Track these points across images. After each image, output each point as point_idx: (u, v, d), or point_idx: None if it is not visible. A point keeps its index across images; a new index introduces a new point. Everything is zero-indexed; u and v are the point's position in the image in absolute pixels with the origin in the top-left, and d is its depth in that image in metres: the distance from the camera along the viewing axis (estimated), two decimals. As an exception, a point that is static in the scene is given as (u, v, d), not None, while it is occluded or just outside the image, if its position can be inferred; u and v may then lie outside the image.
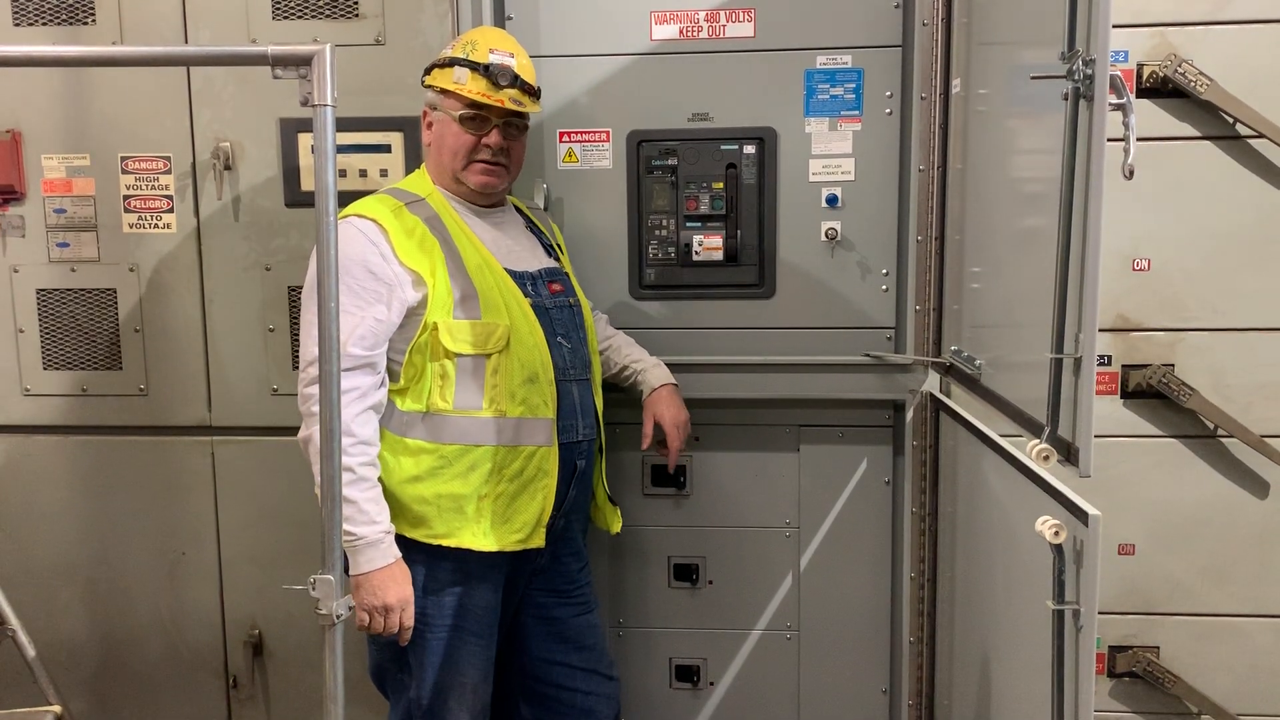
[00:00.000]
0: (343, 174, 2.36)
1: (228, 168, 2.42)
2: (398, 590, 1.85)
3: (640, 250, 2.38)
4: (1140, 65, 2.25)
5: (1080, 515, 1.42)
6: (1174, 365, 2.32)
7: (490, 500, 1.92)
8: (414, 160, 2.37)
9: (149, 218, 2.46)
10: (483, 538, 1.91)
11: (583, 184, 2.38)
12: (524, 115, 2.01)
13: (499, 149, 1.98)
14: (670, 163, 2.34)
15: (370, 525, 1.81)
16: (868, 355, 2.36)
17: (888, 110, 2.31)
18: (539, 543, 1.97)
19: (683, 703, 2.56)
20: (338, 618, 1.65)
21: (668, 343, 2.33)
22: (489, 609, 1.99)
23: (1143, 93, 2.25)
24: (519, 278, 1.98)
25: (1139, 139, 1.42)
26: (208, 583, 2.56)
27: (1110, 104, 1.37)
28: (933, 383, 2.34)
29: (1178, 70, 2.21)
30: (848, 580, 2.49)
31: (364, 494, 1.81)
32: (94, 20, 2.40)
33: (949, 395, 2.31)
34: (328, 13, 2.36)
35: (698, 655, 2.54)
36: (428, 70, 2.01)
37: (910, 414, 2.36)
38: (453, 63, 1.95)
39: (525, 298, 1.96)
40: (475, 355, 1.89)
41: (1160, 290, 2.31)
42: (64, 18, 2.40)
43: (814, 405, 2.43)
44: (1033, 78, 1.55)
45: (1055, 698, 1.52)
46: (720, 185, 2.33)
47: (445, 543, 1.90)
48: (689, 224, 2.35)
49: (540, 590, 2.10)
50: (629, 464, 2.47)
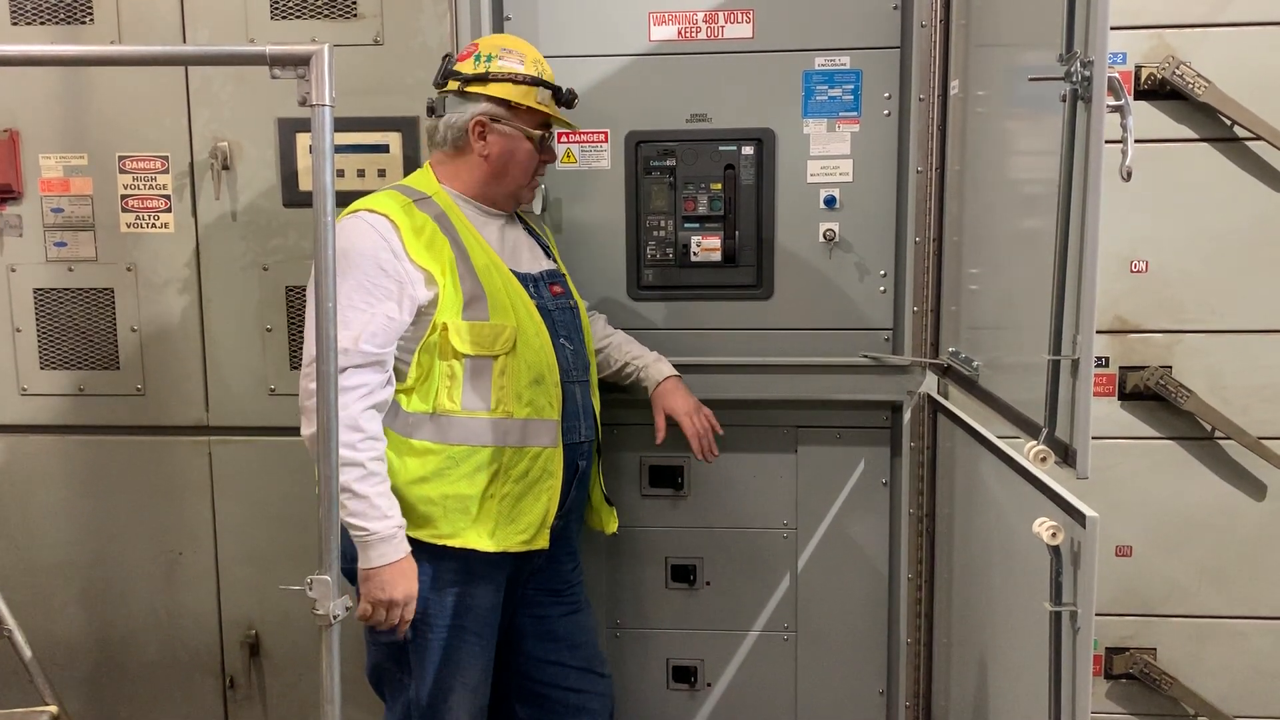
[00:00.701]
0: (341, 174, 2.36)
1: (226, 167, 2.41)
2: (405, 586, 1.84)
3: (638, 251, 2.38)
4: (1138, 67, 2.25)
5: (1078, 517, 1.42)
6: (1171, 367, 2.32)
7: (496, 501, 1.91)
8: (412, 161, 2.36)
9: (147, 217, 2.45)
10: (488, 538, 1.91)
11: (581, 185, 2.38)
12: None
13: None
14: (669, 163, 2.35)
15: (383, 520, 1.81)
16: (865, 356, 2.36)
17: (886, 111, 2.31)
18: (543, 544, 1.97)
19: (680, 704, 2.56)
20: (335, 618, 1.65)
21: (666, 344, 2.33)
22: (491, 609, 1.99)
23: (1141, 95, 2.25)
24: (523, 279, 1.99)
25: (1137, 141, 1.42)
26: (205, 583, 2.56)
27: (1108, 106, 1.37)
28: (930, 384, 2.34)
29: (1176, 72, 2.21)
30: (845, 581, 2.49)
31: (376, 489, 1.81)
32: (92, 19, 2.39)
33: (947, 396, 2.31)
34: (326, 13, 2.36)
35: (695, 656, 2.54)
36: (483, 79, 1.93)
37: (908, 415, 2.36)
38: (536, 82, 1.95)
39: (530, 299, 1.97)
40: (483, 356, 1.89)
41: (1158, 292, 2.31)
42: (62, 17, 2.40)
43: (812, 406, 2.43)
44: (1031, 79, 1.55)
45: (1052, 699, 1.52)
46: (719, 186, 2.34)
47: (450, 543, 1.89)
48: (687, 225, 2.36)
49: (534, 590, 2.11)
50: (627, 464, 2.47)
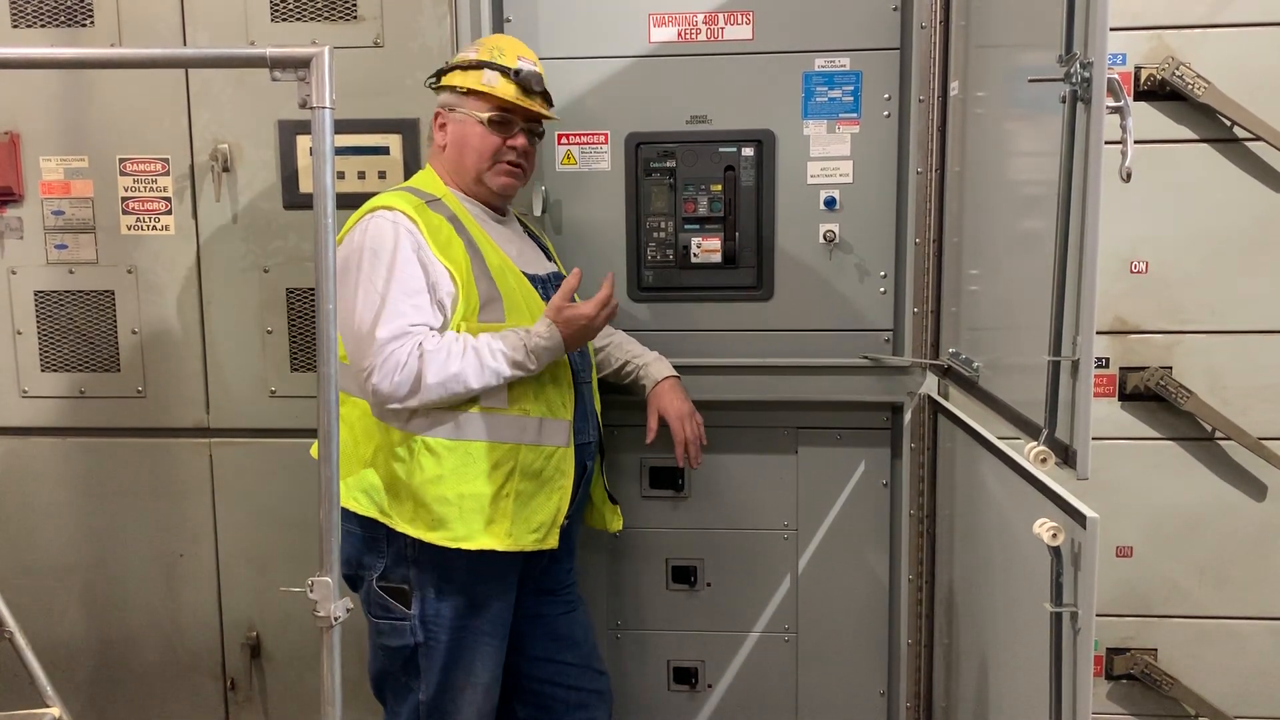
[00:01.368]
0: (341, 176, 2.36)
1: (226, 170, 2.42)
2: (581, 309, 1.90)
3: (639, 252, 2.38)
4: (1138, 68, 2.25)
5: (1078, 517, 1.42)
6: (1172, 368, 2.32)
7: (511, 500, 1.91)
8: (413, 162, 2.37)
9: (147, 219, 2.46)
10: (504, 537, 1.90)
11: (581, 186, 2.38)
12: (541, 121, 2.05)
13: (522, 152, 2.00)
14: (669, 165, 2.35)
15: (525, 343, 1.85)
16: (866, 357, 2.36)
17: (886, 113, 2.31)
18: (554, 543, 1.97)
19: (681, 705, 2.56)
20: (335, 620, 1.65)
21: (666, 345, 2.33)
22: (503, 609, 1.99)
23: (1140, 95, 2.25)
24: (533, 281, 2.00)
25: (1137, 141, 1.42)
26: (205, 585, 2.56)
27: (1108, 107, 1.37)
28: (931, 385, 2.34)
29: (1175, 73, 2.21)
30: (846, 582, 2.49)
31: (494, 355, 1.83)
32: (92, 22, 2.40)
33: (947, 397, 2.31)
34: (326, 15, 2.36)
35: (696, 657, 2.54)
36: (443, 71, 2.01)
37: (908, 416, 2.36)
38: (481, 65, 1.96)
39: (542, 301, 1.98)
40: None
41: (1158, 293, 2.31)
42: (62, 19, 2.40)
43: (812, 407, 2.43)
44: (1030, 80, 1.55)
45: (1053, 700, 1.52)
46: (719, 187, 2.34)
47: (464, 545, 1.88)
48: (687, 226, 2.36)
49: (531, 591, 2.11)
50: (628, 465, 2.47)
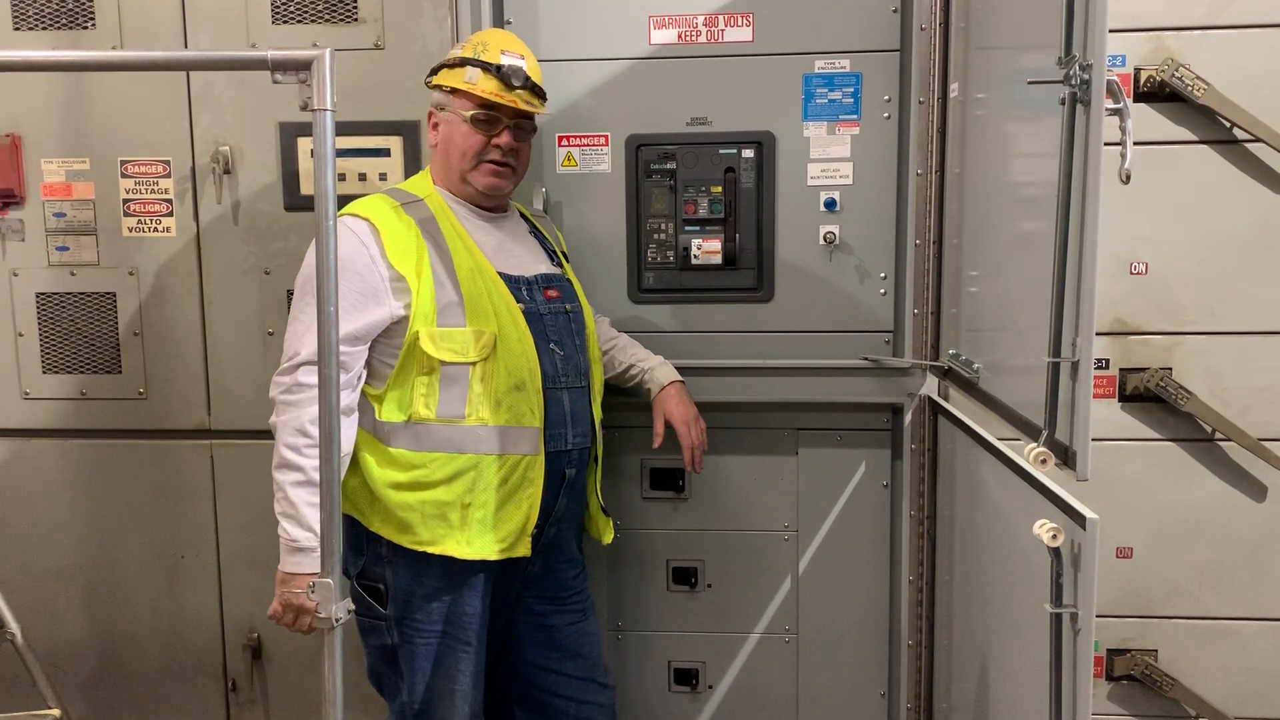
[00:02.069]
0: (342, 178, 2.36)
1: (227, 171, 2.42)
2: (298, 598, 1.86)
3: (639, 254, 2.38)
4: (1138, 70, 2.25)
5: (1078, 518, 1.43)
6: (1172, 369, 2.32)
7: (475, 509, 1.90)
8: (413, 164, 2.37)
9: (148, 221, 2.46)
10: (466, 545, 1.90)
11: (581, 188, 2.38)
12: (532, 117, 2.02)
13: (509, 150, 1.98)
14: (669, 166, 2.35)
15: (307, 532, 1.82)
16: (866, 359, 2.36)
17: (886, 114, 2.32)
18: (524, 551, 1.96)
19: (682, 706, 2.56)
20: (336, 621, 1.65)
21: (667, 346, 2.33)
22: (475, 615, 1.97)
23: (1140, 97, 2.25)
24: (513, 282, 1.97)
25: (1136, 143, 1.43)
26: (207, 586, 2.56)
27: (1107, 108, 1.38)
28: (931, 386, 2.34)
29: (1175, 75, 2.22)
30: (846, 583, 2.49)
31: (308, 498, 1.80)
32: (94, 24, 2.40)
33: (947, 399, 2.31)
34: (327, 17, 2.37)
35: (697, 658, 2.54)
36: (435, 70, 2.01)
37: (909, 417, 2.36)
38: (464, 63, 1.96)
39: (517, 303, 1.95)
40: (460, 363, 1.88)
41: (1158, 294, 2.31)
42: (64, 22, 2.41)
43: (813, 408, 2.43)
44: (1030, 82, 1.55)
45: (1053, 701, 1.52)
46: (719, 189, 2.34)
47: (430, 550, 1.89)
48: (688, 228, 2.36)
49: (534, 597, 2.10)
50: (628, 467, 2.47)
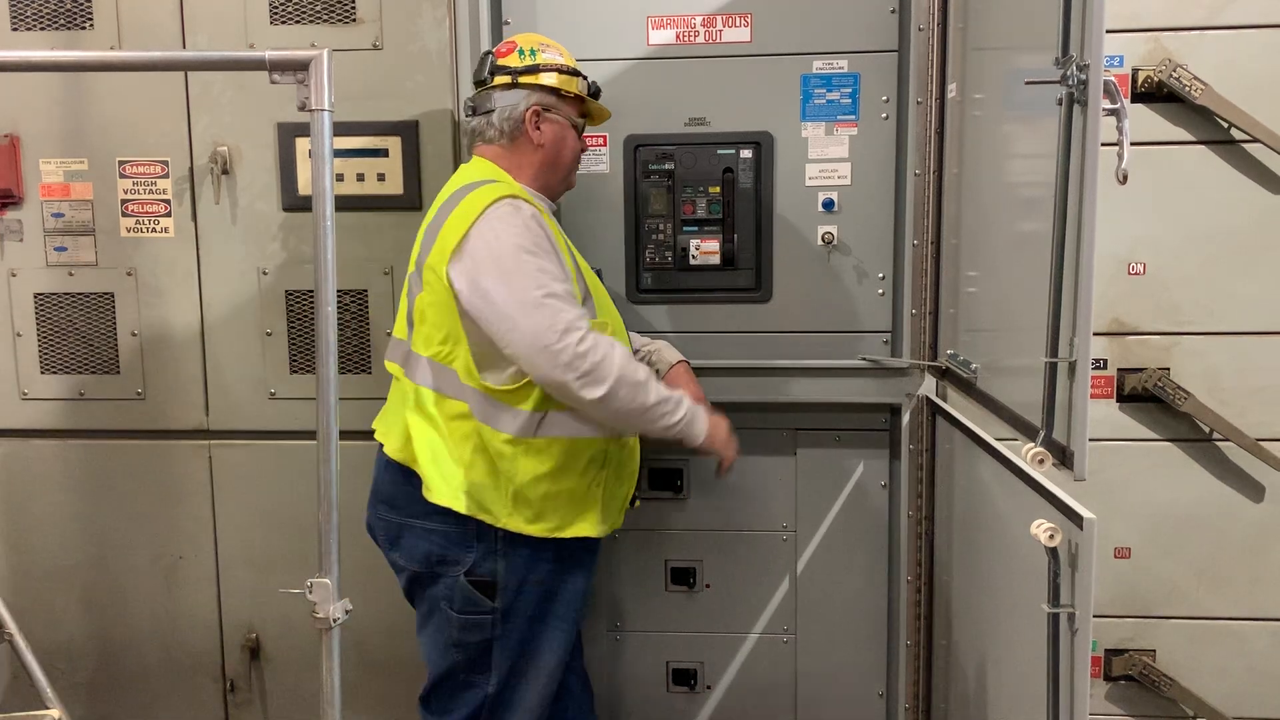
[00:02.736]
0: (340, 178, 2.36)
1: (225, 172, 2.42)
2: (725, 423, 2.02)
3: (637, 254, 2.38)
4: (1135, 70, 2.25)
5: (1075, 518, 1.43)
6: (1169, 369, 2.32)
7: (599, 488, 1.97)
8: (412, 164, 2.37)
9: (147, 222, 2.46)
10: (596, 525, 1.96)
11: (580, 188, 2.36)
12: None
13: None
14: (667, 167, 2.35)
15: (683, 403, 1.91)
16: (864, 359, 2.36)
17: (884, 115, 2.32)
18: (620, 523, 2.08)
19: (680, 706, 2.56)
20: (334, 621, 1.66)
21: (665, 346, 2.33)
22: (580, 594, 2.04)
23: (1138, 97, 2.25)
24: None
25: (1134, 144, 1.43)
26: (205, 586, 2.56)
27: (1104, 109, 1.38)
28: (929, 386, 2.34)
29: (1172, 75, 2.22)
30: (845, 583, 2.49)
31: (658, 387, 1.88)
32: (92, 25, 2.40)
33: (945, 399, 2.31)
34: (325, 17, 2.37)
35: (695, 659, 2.54)
36: (533, 69, 1.98)
37: (907, 418, 2.36)
38: (575, 72, 2.02)
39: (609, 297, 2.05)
40: None
41: (1156, 294, 2.31)
42: (62, 22, 2.40)
43: (811, 409, 2.43)
44: (1027, 83, 1.55)
45: (1051, 701, 1.52)
46: (717, 189, 2.34)
47: (563, 534, 1.93)
48: (686, 228, 2.36)
49: None
50: (626, 468, 2.47)
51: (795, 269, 2.37)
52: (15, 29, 2.41)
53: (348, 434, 2.13)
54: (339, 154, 2.30)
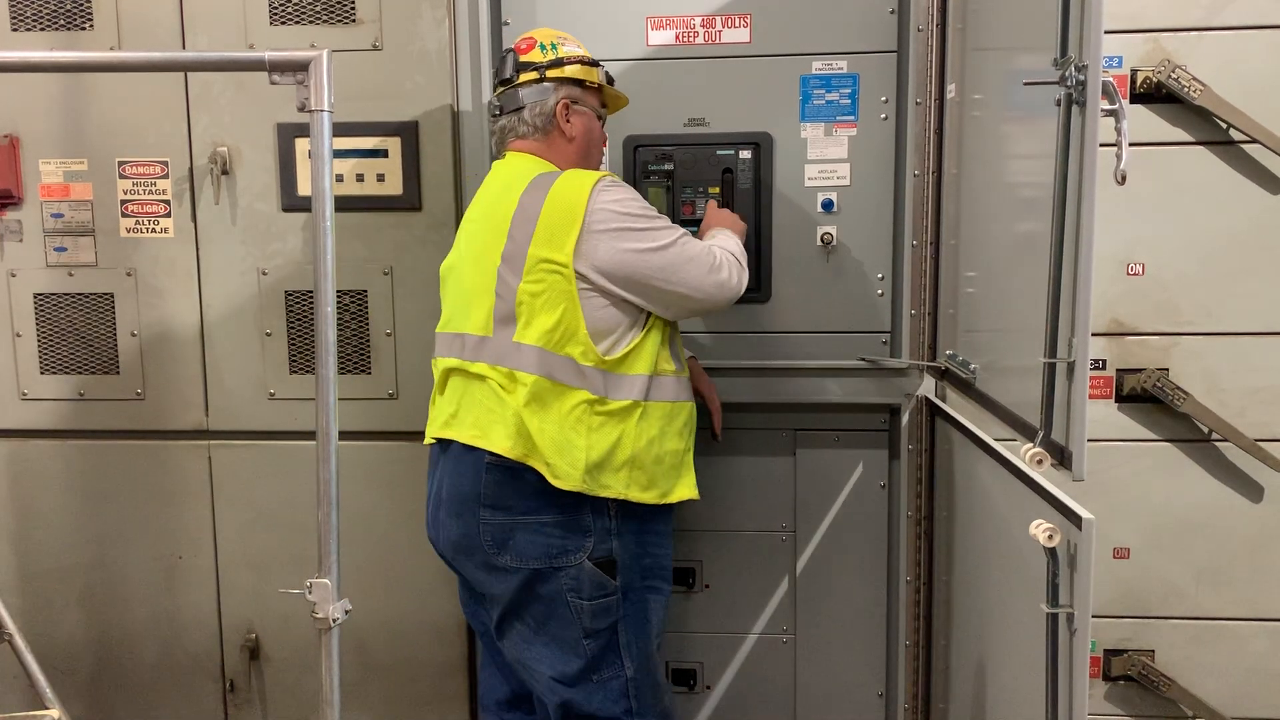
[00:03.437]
0: (340, 179, 2.36)
1: (225, 172, 2.42)
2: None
3: (637, 255, 2.38)
4: (1134, 71, 2.25)
5: (1074, 519, 1.43)
6: (1168, 369, 2.32)
7: (689, 452, 2.03)
8: (412, 164, 2.37)
9: (146, 222, 2.46)
10: (692, 487, 2.03)
11: (579, 189, 2.38)
12: None
13: None
14: (666, 167, 2.35)
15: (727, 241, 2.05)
16: (863, 360, 2.37)
17: (883, 115, 2.32)
18: None
19: (680, 706, 2.56)
20: (334, 621, 1.66)
21: (664, 347, 2.34)
22: (669, 556, 2.08)
23: (1137, 98, 2.26)
24: None
25: (1132, 144, 1.43)
26: (205, 587, 2.56)
27: (1103, 109, 1.38)
28: (928, 387, 2.34)
29: (1171, 76, 2.22)
30: (844, 584, 2.50)
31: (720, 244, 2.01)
32: (92, 25, 2.40)
33: (944, 399, 2.32)
34: (325, 18, 2.37)
35: (694, 659, 2.54)
36: (559, 63, 2.02)
37: (906, 418, 2.36)
38: (596, 63, 2.07)
39: None
40: (672, 320, 2.02)
41: (1154, 295, 2.31)
42: (62, 22, 2.41)
43: (810, 409, 2.44)
44: (1026, 83, 1.55)
45: (1050, 701, 1.52)
46: (716, 190, 2.34)
47: (668, 499, 1.98)
48: (686, 228, 2.36)
49: None
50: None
51: (794, 269, 2.37)
52: (15, 29, 2.41)
53: (347, 434, 2.14)
54: (339, 154, 2.30)
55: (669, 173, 2.35)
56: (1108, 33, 1.37)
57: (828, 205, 2.33)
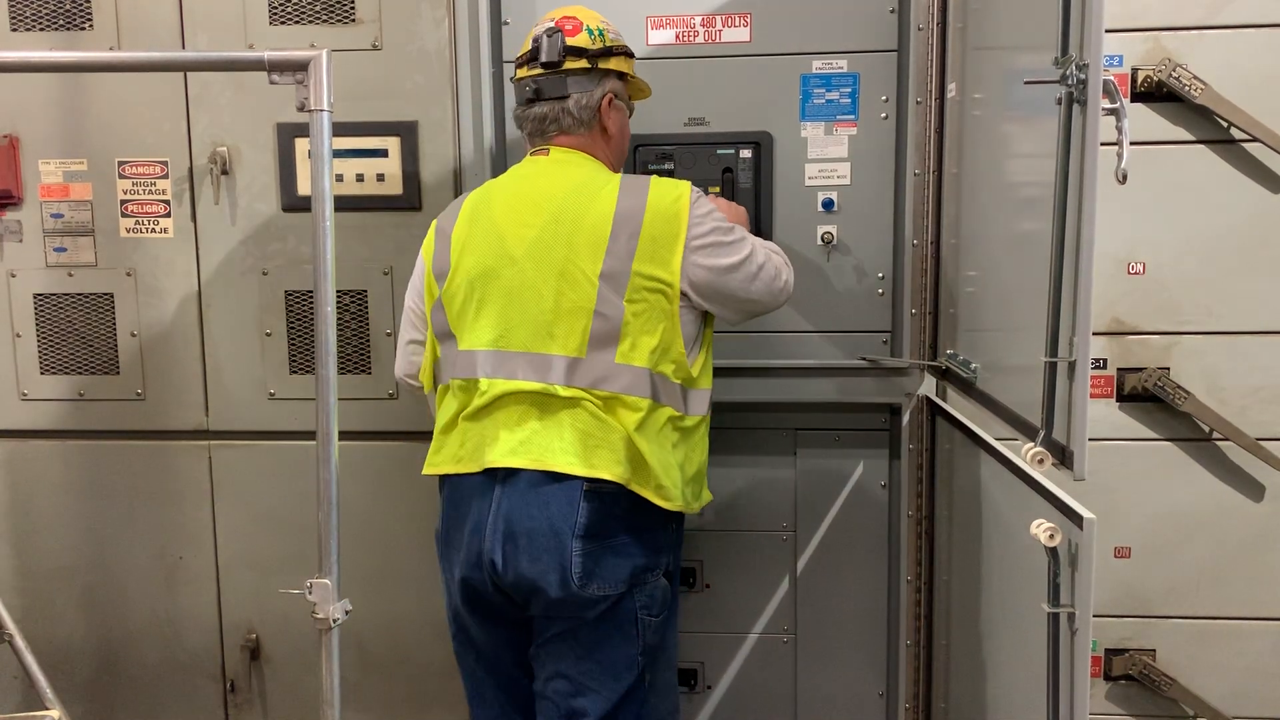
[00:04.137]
0: (339, 179, 2.36)
1: (225, 172, 2.42)
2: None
3: (637, 254, 2.38)
4: (1135, 70, 2.25)
5: (1075, 518, 1.43)
6: (1169, 368, 2.32)
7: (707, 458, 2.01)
8: (412, 165, 2.37)
9: (146, 222, 2.46)
10: (709, 492, 2.02)
11: (579, 188, 2.38)
12: None
13: None
14: (667, 167, 2.35)
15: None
16: (864, 359, 2.36)
17: (883, 115, 2.32)
18: None
19: (680, 706, 2.55)
20: (334, 621, 1.66)
21: (664, 347, 2.33)
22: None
23: (1137, 97, 2.25)
24: None
25: (1133, 143, 1.43)
26: (205, 587, 2.56)
27: (1103, 108, 1.38)
28: (929, 386, 2.34)
29: (1172, 75, 2.22)
30: (845, 584, 2.49)
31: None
32: (91, 25, 2.40)
33: (945, 399, 2.31)
34: (324, 18, 2.37)
35: (695, 659, 2.54)
36: (607, 52, 1.92)
37: (906, 418, 2.36)
38: (631, 54, 2.00)
39: None
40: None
41: (1155, 294, 2.31)
42: (61, 23, 2.40)
43: (810, 409, 2.43)
44: (1027, 83, 1.55)
45: (1051, 701, 1.52)
46: (717, 189, 2.34)
47: (701, 505, 1.97)
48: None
49: None
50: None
51: (795, 269, 2.35)
52: (15, 29, 2.41)
53: (347, 434, 2.13)
54: (338, 154, 2.30)
55: (669, 172, 2.34)
56: (1108, 31, 1.37)
57: (828, 204, 2.33)
